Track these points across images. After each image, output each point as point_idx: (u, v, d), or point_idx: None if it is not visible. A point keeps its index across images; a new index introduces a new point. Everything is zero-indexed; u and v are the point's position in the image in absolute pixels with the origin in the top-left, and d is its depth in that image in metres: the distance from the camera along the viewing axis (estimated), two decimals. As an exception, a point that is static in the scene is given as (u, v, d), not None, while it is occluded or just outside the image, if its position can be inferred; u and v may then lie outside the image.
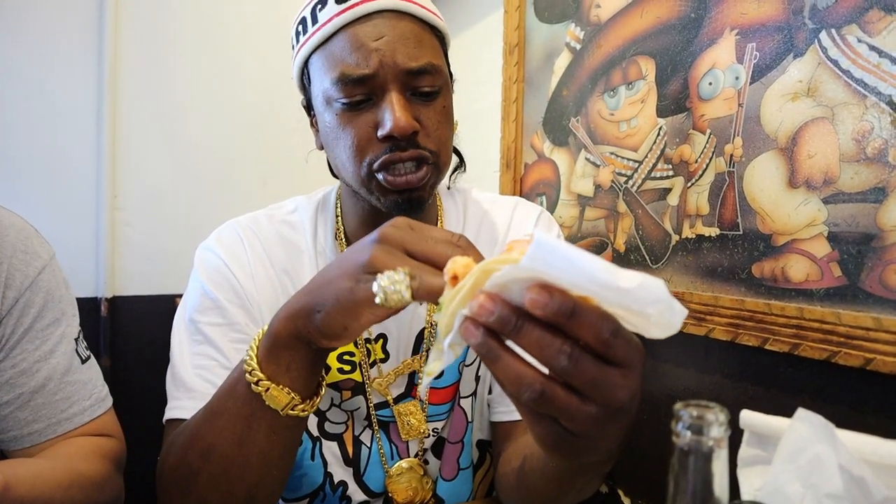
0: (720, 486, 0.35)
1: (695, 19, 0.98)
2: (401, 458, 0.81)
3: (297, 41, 0.75)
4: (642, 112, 1.08)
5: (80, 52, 1.57)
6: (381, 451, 0.80)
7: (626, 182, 1.13)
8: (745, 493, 0.58)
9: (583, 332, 0.36)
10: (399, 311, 0.48)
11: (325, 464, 0.80)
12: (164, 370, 0.76)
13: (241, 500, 0.58)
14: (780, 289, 0.84)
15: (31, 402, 0.73)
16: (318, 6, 0.71)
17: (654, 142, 1.06)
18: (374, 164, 0.70)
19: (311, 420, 0.80)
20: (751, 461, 0.59)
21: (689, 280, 0.99)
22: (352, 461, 0.80)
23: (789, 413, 0.53)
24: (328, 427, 0.80)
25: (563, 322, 0.35)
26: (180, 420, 0.69)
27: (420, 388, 0.43)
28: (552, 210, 1.33)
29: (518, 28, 1.43)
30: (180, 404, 0.71)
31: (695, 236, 0.98)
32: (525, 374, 0.37)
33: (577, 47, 1.25)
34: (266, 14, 1.81)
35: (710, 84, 0.95)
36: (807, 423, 0.51)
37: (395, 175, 0.70)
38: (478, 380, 0.83)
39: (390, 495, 0.79)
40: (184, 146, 1.71)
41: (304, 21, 0.74)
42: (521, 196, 1.40)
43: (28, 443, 0.73)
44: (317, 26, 0.71)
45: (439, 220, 0.85)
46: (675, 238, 1.02)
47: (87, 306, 1.57)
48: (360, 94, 0.69)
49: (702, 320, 0.95)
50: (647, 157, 1.08)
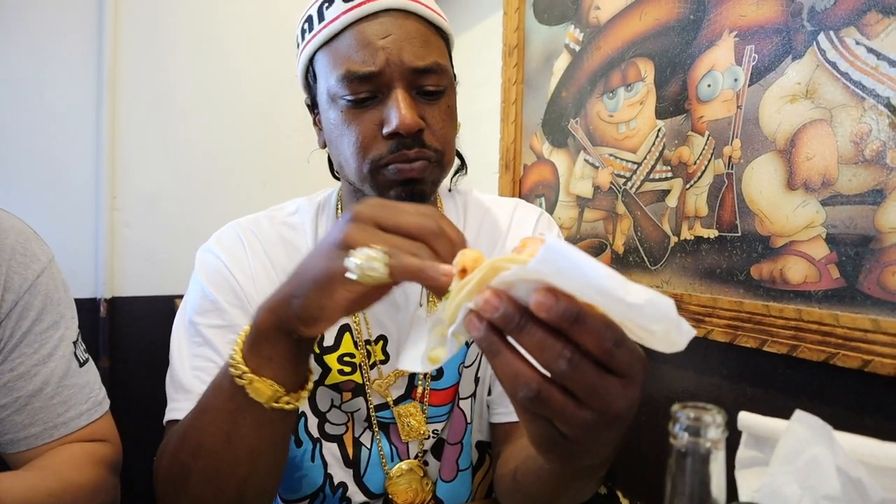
0: (718, 488, 0.35)
1: (694, 21, 0.98)
2: (401, 460, 0.81)
3: (303, 39, 0.76)
4: (641, 114, 1.09)
5: (79, 53, 1.57)
6: (381, 452, 0.80)
7: (624, 183, 1.13)
8: (743, 495, 0.58)
9: (585, 339, 0.36)
10: (378, 292, 0.49)
11: (325, 465, 0.80)
12: (163, 371, 0.76)
13: (231, 497, 0.58)
14: (779, 290, 0.85)
15: (28, 405, 0.72)
16: (325, 4, 0.72)
17: (653, 143, 1.06)
18: (380, 162, 0.71)
19: (312, 421, 0.80)
20: (749, 463, 0.60)
21: (688, 281, 0.99)
22: (352, 462, 0.80)
23: (788, 414, 0.53)
24: (328, 428, 0.80)
25: (567, 327, 0.35)
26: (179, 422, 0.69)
27: (420, 365, 0.42)
28: (551, 211, 1.33)
29: (517, 30, 1.44)
30: (179, 406, 0.71)
31: (693, 238, 0.98)
32: (523, 372, 0.37)
33: (577, 49, 1.25)
34: (265, 17, 1.81)
35: (709, 86, 0.95)
36: (804, 425, 0.51)
37: (403, 164, 0.71)
38: (477, 381, 0.84)
39: (390, 497, 0.80)
40: (183, 147, 1.71)
41: (310, 19, 0.74)
42: (520, 197, 1.41)
43: (24, 446, 0.73)
44: (323, 23, 0.72)
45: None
46: (674, 239, 1.02)
47: (86, 307, 1.57)
48: (366, 91, 0.70)
49: (700, 322, 0.95)
50: (645, 158, 1.08)
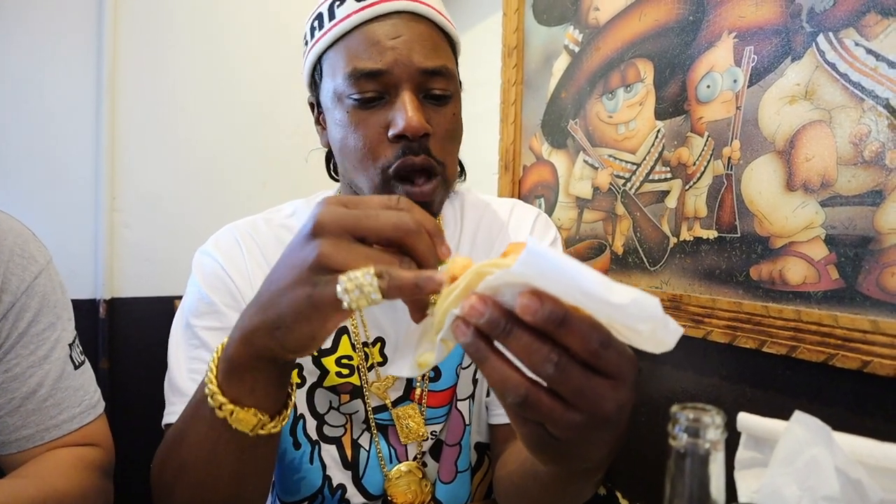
0: (717, 489, 0.35)
1: (693, 22, 0.98)
2: (399, 462, 0.81)
3: (312, 37, 0.75)
4: (640, 114, 1.09)
5: (78, 53, 1.57)
6: (380, 454, 0.80)
7: (624, 184, 1.13)
8: (742, 496, 0.58)
9: (572, 341, 0.35)
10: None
11: (323, 467, 0.79)
12: (162, 372, 0.76)
13: None
14: (778, 291, 0.84)
15: (22, 407, 0.72)
16: (337, 3, 0.72)
17: (653, 144, 1.06)
18: (389, 170, 0.70)
19: (310, 423, 0.79)
20: (748, 464, 0.60)
21: (687, 282, 0.99)
22: (350, 464, 0.80)
23: (787, 415, 0.53)
24: (327, 430, 0.80)
25: (553, 330, 0.35)
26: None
27: (409, 370, 0.41)
28: (550, 212, 1.33)
29: (517, 30, 1.44)
30: (176, 409, 0.70)
31: (693, 239, 0.98)
32: (510, 377, 0.37)
33: (576, 50, 1.25)
34: (265, 19, 1.81)
35: (709, 87, 0.95)
36: (804, 426, 0.51)
37: (413, 186, 0.70)
38: (475, 382, 0.83)
39: (389, 498, 0.79)
40: (182, 148, 1.71)
41: (320, 17, 0.74)
42: (519, 198, 1.41)
43: (15, 448, 0.73)
44: (333, 22, 0.72)
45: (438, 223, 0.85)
46: (673, 240, 1.02)
47: (86, 308, 1.57)
48: (373, 90, 0.69)
49: (700, 322, 0.95)
50: (645, 159, 1.08)
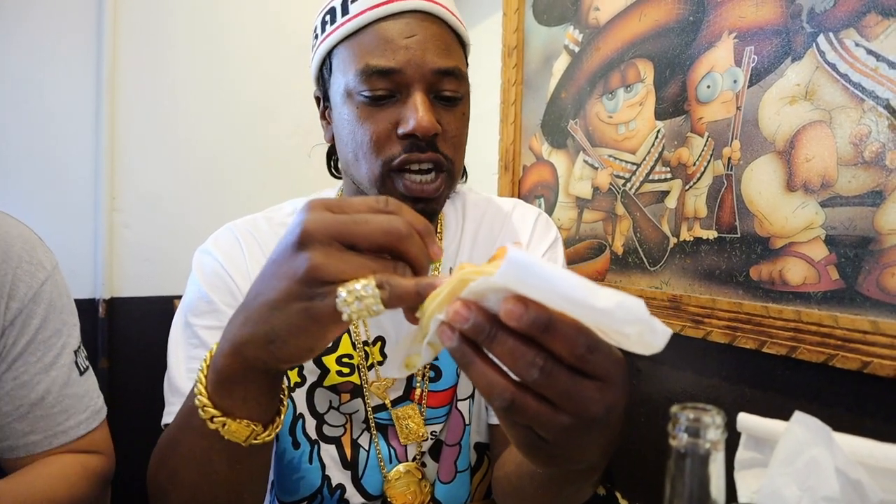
0: (717, 489, 0.35)
1: (693, 22, 0.98)
2: (399, 462, 0.80)
3: (323, 31, 0.75)
4: (640, 115, 1.09)
5: (78, 53, 1.57)
6: (380, 454, 0.80)
7: (624, 184, 1.13)
8: (742, 496, 0.58)
9: (558, 345, 0.35)
10: None
11: (323, 467, 0.79)
12: (162, 371, 0.76)
13: None
14: (778, 292, 0.84)
15: (30, 414, 0.73)
16: None
17: (653, 144, 1.06)
18: (392, 163, 0.70)
19: (310, 423, 0.79)
20: (748, 464, 0.60)
21: (687, 283, 0.99)
22: (350, 464, 0.80)
23: (787, 415, 0.53)
24: (326, 430, 0.80)
25: (538, 335, 0.35)
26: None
27: (397, 370, 0.40)
28: (550, 212, 1.33)
29: (517, 30, 1.44)
30: (174, 409, 0.70)
31: (693, 239, 0.98)
32: (496, 382, 0.37)
33: (576, 50, 1.25)
34: (265, 18, 1.81)
35: (709, 87, 0.95)
36: (804, 426, 0.51)
37: (413, 182, 0.70)
38: (476, 382, 0.83)
39: (388, 499, 0.79)
40: (182, 147, 1.71)
41: (332, 11, 0.74)
42: (519, 198, 1.40)
43: (23, 453, 0.73)
44: (347, 17, 0.71)
45: (439, 224, 0.85)
46: (673, 241, 1.02)
47: (85, 308, 1.57)
48: (384, 88, 0.69)
49: (700, 323, 0.95)
50: (645, 159, 1.08)
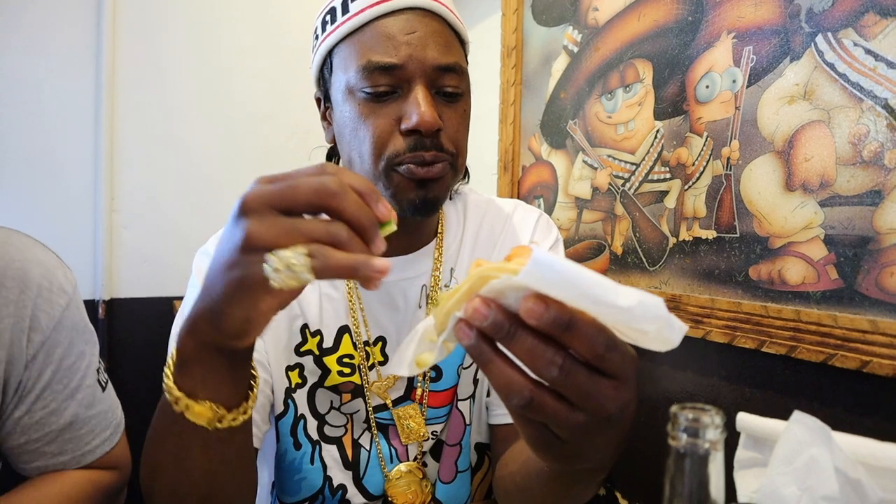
0: (716, 489, 0.35)
1: (692, 23, 0.98)
2: (400, 462, 0.81)
3: (324, 30, 0.75)
4: (639, 115, 1.09)
5: (77, 56, 1.57)
6: (381, 454, 0.80)
7: (623, 185, 1.13)
8: (742, 496, 0.58)
9: (577, 344, 0.36)
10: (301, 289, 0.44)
11: (324, 467, 0.79)
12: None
13: None
14: (777, 291, 0.85)
15: (59, 438, 0.73)
16: None
17: (652, 144, 1.06)
18: (395, 160, 0.70)
19: (311, 424, 0.79)
20: (747, 464, 0.60)
21: (687, 283, 0.99)
22: (351, 464, 0.80)
23: (787, 415, 0.53)
24: (327, 430, 0.80)
25: (559, 334, 0.35)
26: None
27: (407, 369, 0.40)
28: (550, 213, 1.33)
29: (516, 31, 1.44)
30: None
31: (692, 239, 0.98)
32: (515, 380, 0.37)
33: (575, 50, 1.26)
34: (263, 22, 1.81)
35: (707, 87, 0.95)
36: (803, 426, 0.51)
37: (416, 167, 0.69)
38: (476, 383, 0.83)
39: (390, 499, 0.79)
40: (181, 149, 1.71)
41: (332, 11, 0.74)
42: (518, 199, 1.41)
43: (52, 470, 0.73)
44: (347, 15, 0.71)
45: (440, 225, 0.85)
46: (673, 241, 1.02)
47: (85, 308, 1.57)
48: (385, 84, 0.69)
49: (699, 323, 0.95)
50: (644, 159, 1.08)
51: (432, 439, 0.82)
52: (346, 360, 0.79)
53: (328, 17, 0.75)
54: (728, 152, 0.92)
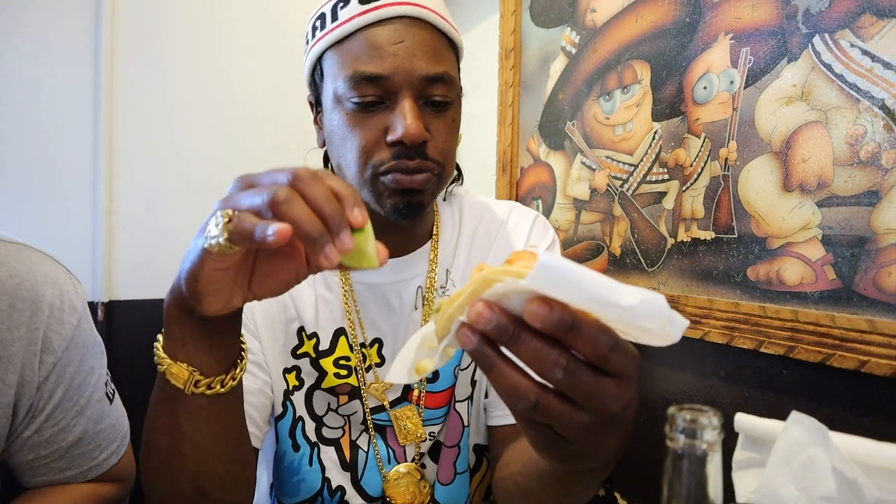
0: (714, 490, 0.35)
1: (689, 24, 0.98)
2: (398, 463, 0.81)
3: (314, 36, 0.75)
4: (637, 116, 1.09)
5: (76, 57, 1.57)
6: (378, 455, 0.80)
7: (621, 186, 1.13)
8: (740, 496, 0.58)
9: (581, 345, 0.36)
10: (234, 252, 0.46)
11: (322, 469, 0.79)
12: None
13: (189, 495, 0.57)
14: (775, 292, 0.85)
15: (67, 454, 0.72)
16: (340, 4, 0.72)
17: (650, 145, 1.06)
18: (380, 168, 0.70)
19: (309, 425, 0.80)
20: (745, 464, 0.60)
21: (685, 283, 0.99)
22: (349, 466, 0.80)
23: (785, 415, 0.53)
24: (325, 432, 0.80)
25: (562, 336, 0.35)
26: None
27: (406, 377, 0.41)
28: (548, 214, 1.33)
29: (514, 32, 1.44)
30: None
31: (690, 240, 0.98)
32: (520, 384, 0.37)
33: (573, 51, 1.26)
34: (262, 22, 1.81)
35: (705, 88, 0.95)
36: (801, 426, 0.51)
37: (401, 176, 0.70)
38: (474, 384, 0.83)
39: (388, 500, 0.79)
40: (180, 150, 1.71)
41: (322, 17, 0.74)
42: (517, 200, 1.41)
43: (58, 483, 0.73)
44: (336, 23, 0.71)
45: (435, 226, 0.85)
46: (671, 241, 1.02)
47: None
48: (373, 95, 0.69)
49: (697, 323, 0.95)
50: (642, 160, 1.08)
51: (430, 440, 0.82)
52: (342, 362, 0.79)
53: (318, 23, 0.75)
54: (726, 153, 0.92)
